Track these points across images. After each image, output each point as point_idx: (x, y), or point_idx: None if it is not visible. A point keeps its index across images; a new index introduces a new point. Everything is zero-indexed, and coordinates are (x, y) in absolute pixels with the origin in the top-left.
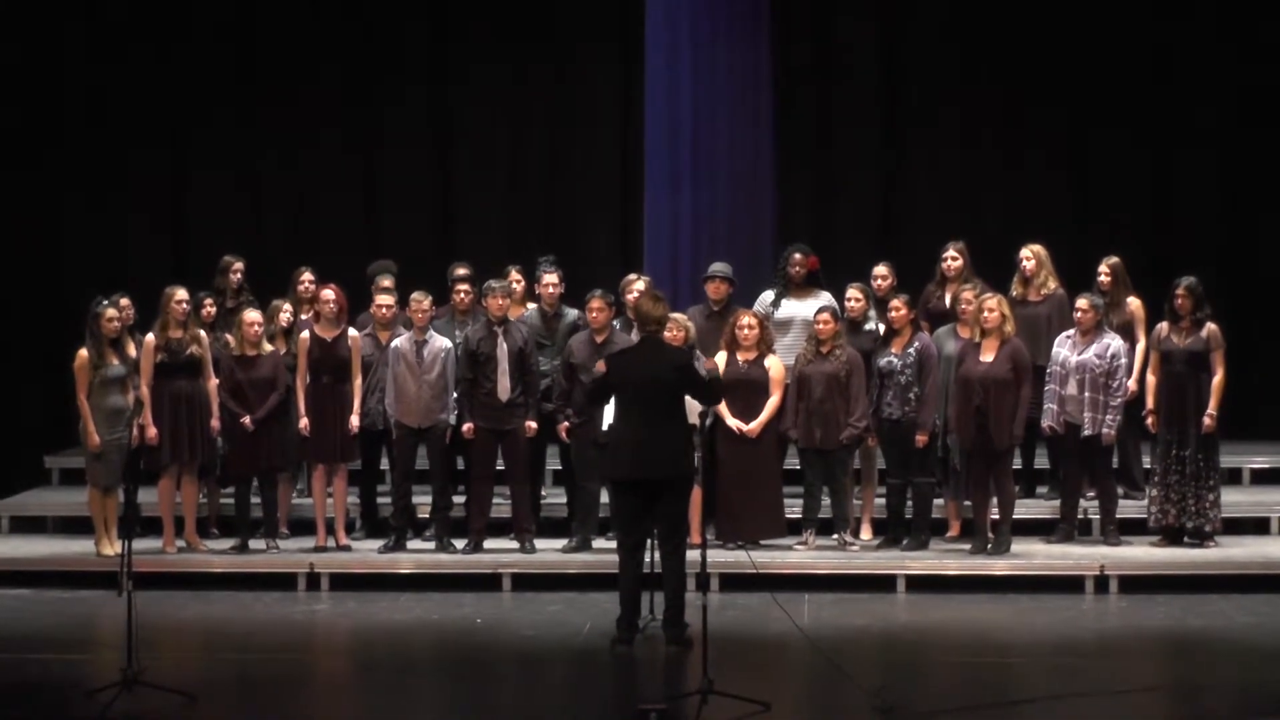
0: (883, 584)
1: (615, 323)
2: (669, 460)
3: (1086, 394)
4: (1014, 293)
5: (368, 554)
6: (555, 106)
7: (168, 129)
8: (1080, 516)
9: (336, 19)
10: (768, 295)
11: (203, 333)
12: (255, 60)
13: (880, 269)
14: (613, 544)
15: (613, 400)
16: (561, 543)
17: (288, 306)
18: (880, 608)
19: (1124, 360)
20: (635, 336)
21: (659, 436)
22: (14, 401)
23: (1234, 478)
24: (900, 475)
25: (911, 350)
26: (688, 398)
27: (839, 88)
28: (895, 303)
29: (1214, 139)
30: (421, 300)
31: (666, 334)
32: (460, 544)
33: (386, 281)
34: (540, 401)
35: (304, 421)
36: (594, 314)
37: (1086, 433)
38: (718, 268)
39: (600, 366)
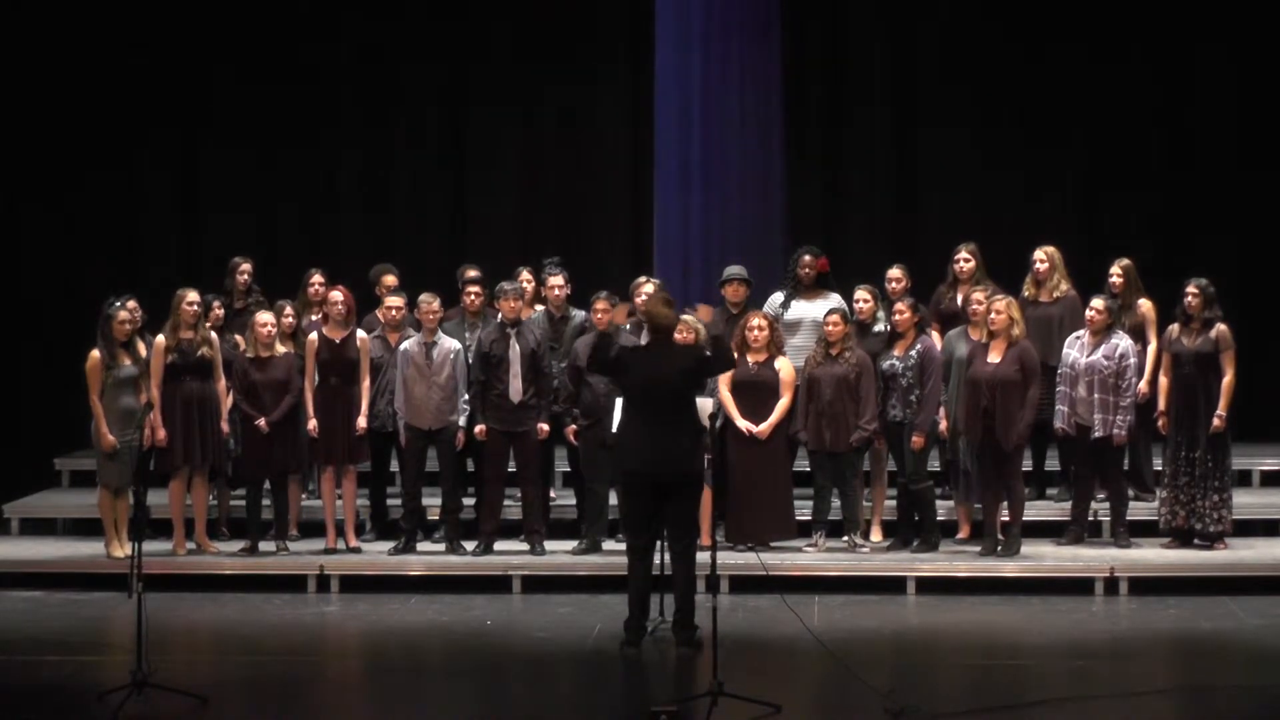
0: (893, 586)
1: (628, 324)
2: (678, 460)
3: (1096, 395)
4: (1026, 294)
5: (378, 556)
6: (565, 107)
7: (179, 132)
8: (1090, 518)
9: (347, 19)
10: (777, 296)
11: (214, 334)
12: (268, 66)
13: (894, 271)
14: (623, 546)
15: (619, 402)
16: (572, 544)
17: (289, 309)
18: (890, 609)
19: (1133, 361)
20: (645, 338)
21: (668, 437)
22: (24, 403)
23: (1245, 480)
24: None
25: (914, 353)
26: (699, 400)
27: (850, 87)
28: (899, 305)
29: (1225, 140)
30: (431, 302)
31: (677, 336)
32: (470, 546)
33: (392, 280)
34: (549, 404)
35: (312, 423)
36: (599, 315)
37: (1097, 434)
38: (733, 270)
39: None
